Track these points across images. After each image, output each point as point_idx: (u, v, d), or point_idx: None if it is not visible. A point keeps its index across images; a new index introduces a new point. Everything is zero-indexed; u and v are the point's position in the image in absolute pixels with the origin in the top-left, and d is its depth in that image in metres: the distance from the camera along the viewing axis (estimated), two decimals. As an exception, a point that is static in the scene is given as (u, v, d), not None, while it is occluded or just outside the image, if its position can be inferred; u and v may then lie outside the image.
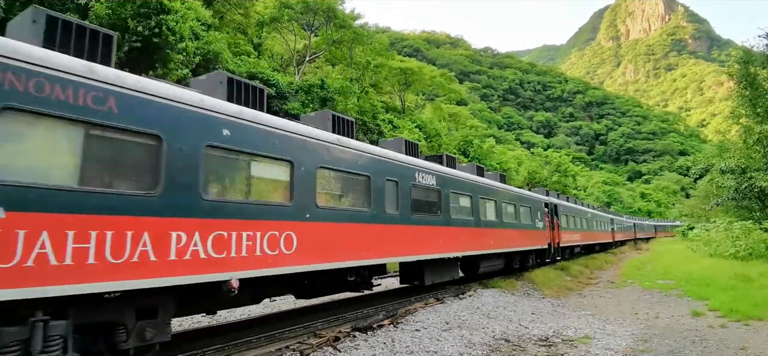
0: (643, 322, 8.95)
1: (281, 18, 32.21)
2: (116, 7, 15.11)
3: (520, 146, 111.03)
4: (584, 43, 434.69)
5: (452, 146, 44.11)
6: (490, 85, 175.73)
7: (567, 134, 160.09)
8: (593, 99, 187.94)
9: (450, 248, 10.57)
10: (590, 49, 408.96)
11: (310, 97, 25.80)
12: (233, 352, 5.81)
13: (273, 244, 5.71)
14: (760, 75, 22.45)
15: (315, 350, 5.84)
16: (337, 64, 38.43)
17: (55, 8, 13.84)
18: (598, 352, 6.56)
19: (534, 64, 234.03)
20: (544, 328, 8.12)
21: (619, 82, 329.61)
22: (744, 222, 21.88)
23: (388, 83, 46.54)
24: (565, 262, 20.58)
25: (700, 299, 11.10)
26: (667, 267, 19.99)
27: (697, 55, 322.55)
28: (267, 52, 32.56)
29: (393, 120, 38.69)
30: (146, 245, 4.33)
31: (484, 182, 13.23)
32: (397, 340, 6.49)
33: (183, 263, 4.64)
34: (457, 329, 7.48)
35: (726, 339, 7.16)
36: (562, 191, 45.46)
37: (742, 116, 24.02)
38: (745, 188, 22.55)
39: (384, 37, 72.52)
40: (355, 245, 7.37)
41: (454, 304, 9.55)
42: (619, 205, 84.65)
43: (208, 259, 4.88)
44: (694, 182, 69.39)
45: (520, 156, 71.95)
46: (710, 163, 29.55)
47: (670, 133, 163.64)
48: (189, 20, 17.98)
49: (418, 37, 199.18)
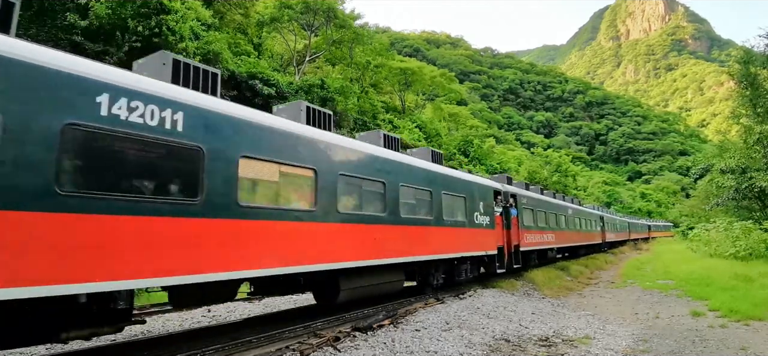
0: (643, 322, 8.95)
1: (281, 18, 32.18)
2: (116, 7, 15.10)
3: (520, 146, 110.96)
4: (584, 43, 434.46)
5: (452, 146, 44.12)
6: (491, 85, 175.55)
7: (567, 134, 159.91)
8: (593, 99, 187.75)
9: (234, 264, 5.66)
10: (590, 49, 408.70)
11: (310, 97, 25.77)
12: (233, 352, 5.81)
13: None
14: (760, 75, 22.46)
15: (315, 350, 5.84)
16: (337, 64, 38.41)
17: (54, 9, 13.84)
18: (598, 352, 6.56)
19: (534, 64, 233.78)
20: (544, 328, 8.12)
21: (620, 82, 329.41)
22: (744, 222, 21.88)
23: (389, 83, 46.54)
24: (565, 262, 20.55)
25: (700, 299, 11.10)
26: (667, 267, 19.99)
27: (697, 55, 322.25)
28: (267, 52, 32.52)
29: (393, 120, 38.70)
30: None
31: (353, 147, 8.21)
32: (397, 340, 6.49)
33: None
34: (457, 329, 7.48)
35: (726, 339, 7.16)
36: (562, 191, 45.43)
37: (743, 116, 24.06)
38: (745, 188, 22.57)
39: (384, 37, 72.56)
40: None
41: (454, 304, 9.55)
42: (619, 205, 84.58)
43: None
44: (694, 182, 69.45)
45: (521, 156, 71.98)
46: (710, 163, 29.60)
47: (671, 133, 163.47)
48: (189, 20, 17.97)
49: (418, 37, 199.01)
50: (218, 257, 5.33)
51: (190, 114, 5.18)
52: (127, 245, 4.46)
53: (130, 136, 4.54)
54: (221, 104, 5.81)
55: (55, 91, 4.06)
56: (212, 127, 5.45)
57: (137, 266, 4.51)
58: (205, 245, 5.20)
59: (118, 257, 4.37)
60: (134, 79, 4.80)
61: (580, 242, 24.11)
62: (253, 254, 5.80)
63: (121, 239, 4.41)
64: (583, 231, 24.98)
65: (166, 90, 5.08)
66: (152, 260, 4.64)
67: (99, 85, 4.38)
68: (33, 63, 3.96)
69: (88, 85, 4.31)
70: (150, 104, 4.76)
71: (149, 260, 4.61)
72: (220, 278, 5.34)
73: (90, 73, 4.37)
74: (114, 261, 4.33)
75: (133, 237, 4.51)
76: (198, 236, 5.12)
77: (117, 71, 4.76)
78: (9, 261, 3.65)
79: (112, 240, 4.34)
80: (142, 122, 4.67)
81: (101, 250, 4.25)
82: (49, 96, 4.03)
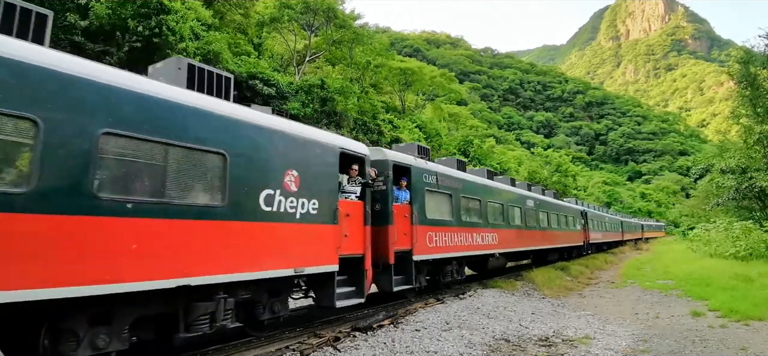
0: (643, 322, 8.95)
1: (281, 18, 32.19)
2: (116, 7, 15.12)
3: (520, 146, 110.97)
4: (584, 44, 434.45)
5: (452, 146, 44.12)
6: (491, 85, 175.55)
7: (567, 134, 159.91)
8: (593, 99, 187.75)
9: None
10: (590, 50, 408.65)
11: (310, 97, 25.79)
12: (233, 352, 5.82)
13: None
14: (760, 75, 22.45)
15: (315, 350, 5.85)
16: (337, 64, 38.42)
17: (54, 9, 13.84)
18: (598, 352, 6.56)
19: (534, 65, 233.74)
20: (545, 328, 8.12)
21: (620, 82, 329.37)
22: (744, 222, 21.87)
23: (389, 83, 46.54)
24: (565, 262, 20.53)
25: (700, 299, 11.09)
26: (667, 267, 19.98)
27: (697, 55, 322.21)
28: (267, 52, 32.53)
29: (393, 120, 38.69)
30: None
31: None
32: (397, 340, 6.49)
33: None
34: (457, 329, 7.48)
35: (726, 339, 7.15)
36: (562, 191, 45.37)
37: (743, 115, 24.04)
38: (745, 188, 22.56)
39: (384, 38, 72.60)
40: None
41: (454, 304, 9.55)
42: (619, 205, 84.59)
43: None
44: (694, 182, 69.44)
45: (521, 156, 71.95)
46: (710, 163, 29.56)
47: (671, 133, 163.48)
48: (189, 20, 17.99)
49: (418, 37, 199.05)
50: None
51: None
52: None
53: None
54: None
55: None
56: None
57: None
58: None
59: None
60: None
61: (542, 244, 18.24)
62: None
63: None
64: (554, 230, 19.90)
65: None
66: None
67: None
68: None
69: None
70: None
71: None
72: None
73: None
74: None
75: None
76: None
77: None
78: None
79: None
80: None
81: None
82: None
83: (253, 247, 5.61)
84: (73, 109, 4.03)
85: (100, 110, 4.21)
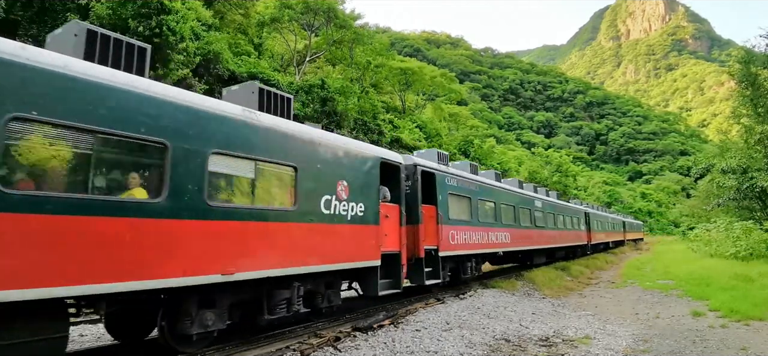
0: (644, 322, 8.94)
1: (282, 18, 32.22)
2: (117, 7, 15.11)
3: (520, 146, 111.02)
4: (584, 43, 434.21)
5: (453, 146, 44.12)
6: (491, 85, 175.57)
7: (567, 134, 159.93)
8: (594, 99, 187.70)
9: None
10: (590, 50, 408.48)
11: (311, 97, 25.79)
12: (233, 352, 5.82)
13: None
14: (761, 75, 22.44)
15: (315, 350, 5.85)
16: (337, 64, 38.44)
17: (55, 8, 13.87)
18: (598, 352, 6.55)
19: (534, 64, 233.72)
20: (545, 328, 8.12)
21: (620, 82, 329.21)
22: (745, 222, 21.86)
23: (389, 83, 46.55)
24: (566, 262, 20.50)
25: (700, 299, 11.09)
26: (668, 267, 19.98)
27: (697, 55, 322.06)
28: (267, 52, 32.55)
29: (393, 120, 38.71)
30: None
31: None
32: (397, 340, 6.49)
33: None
34: (457, 329, 7.48)
35: (726, 339, 7.15)
36: (562, 191, 45.34)
37: (743, 115, 24.03)
38: (746, 188, 22.55)
39: (384, 38, 72.55)
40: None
41: (454, 304, 9.55)
42: (619, 205, 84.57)
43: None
44: (694, 183, 69.30)
45: (521, 156, 71.99)
46: (711, 163, 29.52)
47: (671, 133, 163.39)
48: (189, 20, 17.97)
49: (418, 37, 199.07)
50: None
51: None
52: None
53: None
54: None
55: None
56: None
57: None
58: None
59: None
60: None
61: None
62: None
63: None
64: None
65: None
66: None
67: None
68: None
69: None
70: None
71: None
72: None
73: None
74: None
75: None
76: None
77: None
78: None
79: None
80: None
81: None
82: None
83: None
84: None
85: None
